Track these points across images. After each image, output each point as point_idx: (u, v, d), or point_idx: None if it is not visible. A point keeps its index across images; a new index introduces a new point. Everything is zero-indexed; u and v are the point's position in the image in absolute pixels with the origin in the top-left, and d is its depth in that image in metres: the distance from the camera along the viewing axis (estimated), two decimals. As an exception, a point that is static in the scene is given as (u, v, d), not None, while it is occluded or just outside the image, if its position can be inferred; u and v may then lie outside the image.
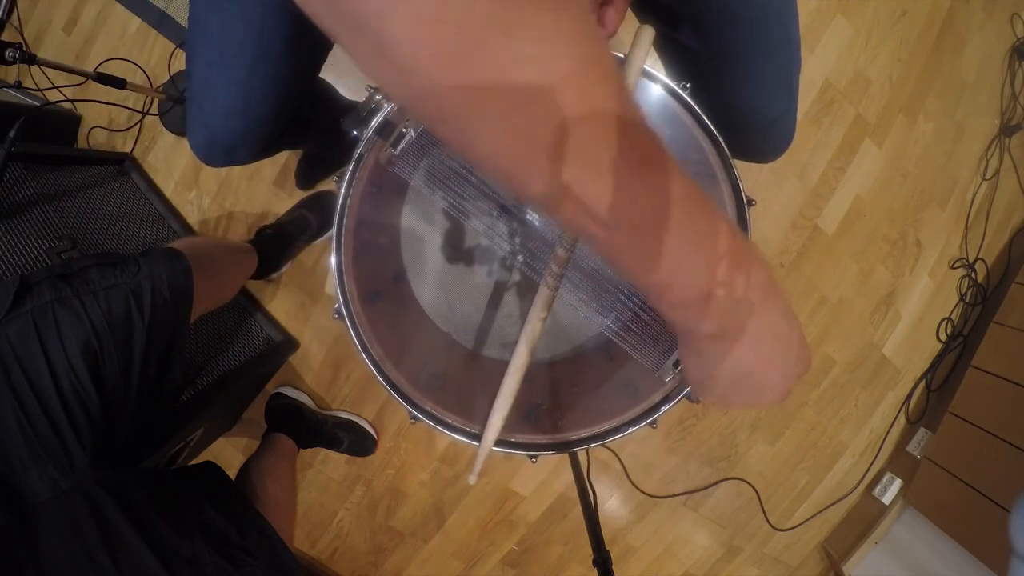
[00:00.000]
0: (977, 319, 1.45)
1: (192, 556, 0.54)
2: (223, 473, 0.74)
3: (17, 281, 0.53)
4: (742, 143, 0.53)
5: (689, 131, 0.45)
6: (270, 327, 1.16)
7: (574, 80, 0.19)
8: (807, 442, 1.40)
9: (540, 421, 0.49)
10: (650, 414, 0.47)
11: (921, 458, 1.35)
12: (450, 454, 1.27)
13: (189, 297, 0.65)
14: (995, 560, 1.09)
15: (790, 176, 1.26)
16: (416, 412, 0.46)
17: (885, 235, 1.36)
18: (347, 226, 0.44)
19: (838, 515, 1.47)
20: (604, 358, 0.51)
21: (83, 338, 0.53)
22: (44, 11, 1.20)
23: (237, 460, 1.25)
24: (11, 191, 0.86)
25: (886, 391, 1.44)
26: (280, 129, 0.61)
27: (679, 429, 1.34)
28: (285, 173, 1.15)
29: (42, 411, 0.52)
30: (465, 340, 0.51)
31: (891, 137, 1.31)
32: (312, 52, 0.59)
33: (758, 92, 0.54)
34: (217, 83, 0.53)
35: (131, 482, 0.57)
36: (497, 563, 1.36)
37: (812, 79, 1.22)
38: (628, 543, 1.38)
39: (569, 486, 1.31)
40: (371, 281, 0.47)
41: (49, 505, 0.51)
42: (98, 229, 0.96)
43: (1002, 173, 1.43)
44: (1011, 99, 1.40)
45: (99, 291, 0.56)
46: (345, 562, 1.35)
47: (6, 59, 0.81)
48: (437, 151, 0.44)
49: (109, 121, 1.18)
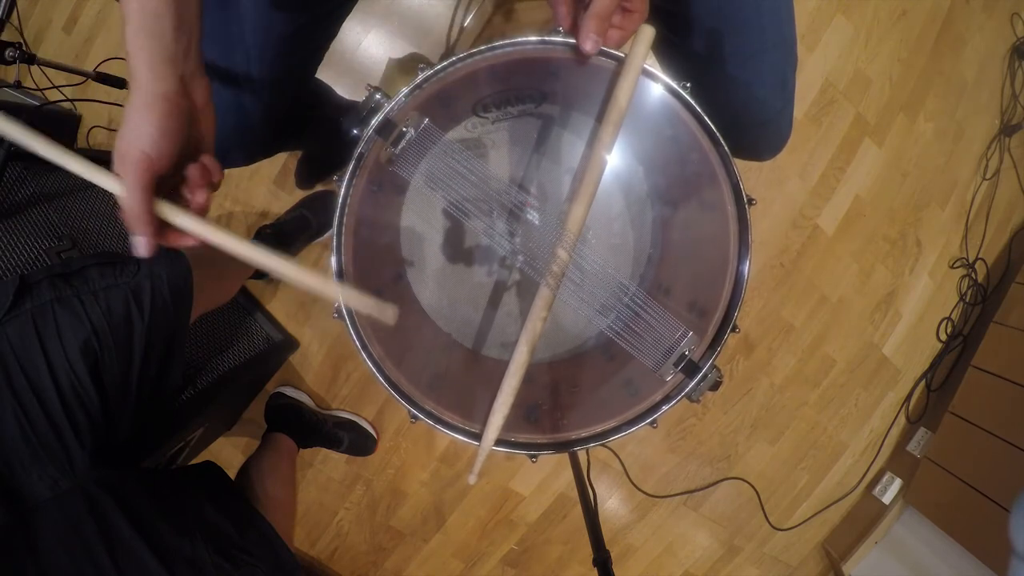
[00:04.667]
0: (977, 319, 1.45)
1: (192, 556, 0.54)
2: (223, 473, 0.74)
3: (17, 281, 0.53)
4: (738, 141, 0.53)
5: (690, 130, 0.45)
6: (270, 327, 1.16)
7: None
8: (807, 442, 1.40)
9: (540, 421, 0.49)
10: (650, 414, 0.47)
11: (921, 458, 1.35)
12: (450, 454, 1.27)
13: (189, 297, 0.65)
14: (995, 560, 1.09)
15: (790, 176, 1.26)
16: (416, 411, 0.46)
17: (885, 235, 1.36)
18: (347, 225, 0.44)
19: (838, 515, 1.47)
20: (604, 358, 0.51)
21: (83, 338, 0.53)
22: (44, 11, 1.20)
23: (237, 460, 1.25)
24: (11, 191, 0.86)
25: (886, 391, 1.44)
26: (274, 131, 0.61)
27: (679, 429, 1.34)
28: (285, 173, 1.15)
29: (42, 411, 0.52)
30: (465, 340, 0.51)
31: (891, 137, 1.31)
32: (305, 54, 0.59)
33: (753, 91, 0.54)
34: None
35: (131, 482, 0.57)
36: (497, 563, 1.36)
37: (812, 78, 1.22)
38: (628, 543, 1.38)
39: (569, 486, 1.31)
40: (371, 281, 0.47)
41: (49, 505, 0.51)
42: (98, 229, 0.96)
43: (1002, 173, 1.43)
44: (1011, 99, 1.40)
45: (99, 291, 0.56)
46: (345, 562, 1.35)
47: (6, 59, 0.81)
48: (437, 151, 0.44)
49: (109, 121, 1.18)
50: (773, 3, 0.51)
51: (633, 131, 0.46)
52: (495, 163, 0.49)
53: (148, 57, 0.33)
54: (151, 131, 0.34)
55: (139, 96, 0.34)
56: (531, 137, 0.49)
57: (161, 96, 0.34)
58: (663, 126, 0.46)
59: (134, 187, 0.34)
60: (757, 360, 1.33)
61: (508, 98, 0.46)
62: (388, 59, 1.10)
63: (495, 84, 0.45)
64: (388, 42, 1.12)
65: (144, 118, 0.34)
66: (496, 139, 0.49)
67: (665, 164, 0.48)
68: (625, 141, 0.47)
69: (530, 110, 0.47)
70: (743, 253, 0.46)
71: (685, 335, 0.46)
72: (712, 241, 0.47)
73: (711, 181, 0.46)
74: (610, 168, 0.46)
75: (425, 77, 0.42)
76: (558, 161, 0.49)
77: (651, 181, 0.49)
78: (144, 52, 0.33)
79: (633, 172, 0.49)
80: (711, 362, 0.46)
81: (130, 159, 0.34)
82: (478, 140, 0.48)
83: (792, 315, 1.32)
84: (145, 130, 0.34)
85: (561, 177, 0.49)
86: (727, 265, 0.46)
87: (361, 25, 1.11)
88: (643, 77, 0.43)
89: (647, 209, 0.50)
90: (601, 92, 0.44)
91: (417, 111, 0.43)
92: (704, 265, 0.48)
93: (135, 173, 0.34)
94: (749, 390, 1.34)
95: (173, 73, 0.35)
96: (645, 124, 0.46)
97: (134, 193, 0.34)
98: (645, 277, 0.50)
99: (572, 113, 0.48)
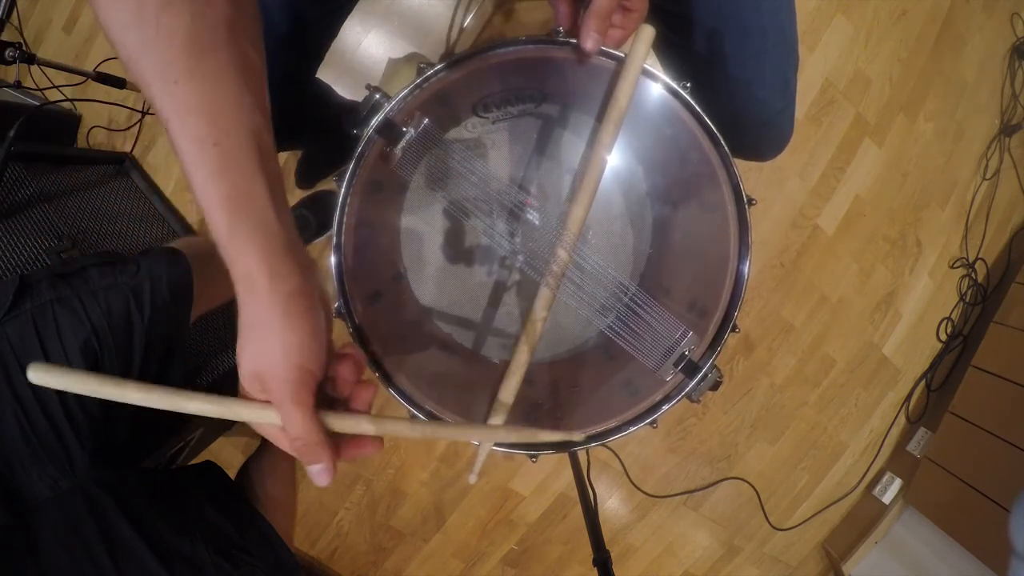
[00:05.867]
0: (977, 319, 1.45)
1: (192, 556, 0.54)
2: (223, 473, 0.74)
3: (16, 280, 0.53)
4: (740, 141, 0.53)
5: (690, 130, 0.45)
6: (270, 327, 1.15)
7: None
8: (807, 442, 1.40)
9: (540, 421, 0.49)
10: (650, 414, 0.47)
11: (921, 458, 1.35)
12: (450, 453, 1.27)
13: (189, 297, 0.65)
14: (995, 560, 1.09)
15: (790, 176, 1.26)
16: (416, 411, 0.46)
17: (885, 235, 1.36)
18: (347, 225, 0.44)
19: (838, 515, 1.47)
20: (604, 358, 0.51)
21: (83, 338, 0.53)
22: (44, 11, 1.20)
23: (237, 460, 1.25)
24: (11, 191, 0.86)
25: (886, 391, 1.44)
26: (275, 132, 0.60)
27: (679, 429, 1.34)
28: (285, 173, 1.15)
29: (42, 411, 0.52)
30: (465, 340, 0.51)
31: (891, 137, 1.31)
32: (303, 54, 0.59)
33: (754, 91, 0.54)
34: None
35: (131, 482, 0.57)
36: (497, 563, 1.36)
37: (812, 78, 1.22)
38: (628, 543, 1.38)
39: (569, 486, 1.31)
40: (371, 281, 0.47)
41: (49, 505, 0.51)
42: (98, 229, 0.96)
43: (1002, 173, 1.43)
44: (1011, 99, 1.40)
45: (99, 291, 0.56)
46: (345, 562, 1.35)
47: (6, 59, 0.81)
48: (438, 150, 0.44)
49: (109, 121, 1.18)
50: (774, 3, 0.51)
51: (633, 131, 0.46)
52: (495, 163, 0.49)
53: (262, 256, 0.26)
54: (299, 339, 0.28)
55: (263, 305, 0.27)
56: (531, 137, 0.49)
57: (292, 294, 0.27)
58: (663, 126, 0.46)
59: (304, 413, 0.28)
60: (757, 360, 1.33)
61: (508, 98, 0.46)
62: (388, 59, 1.10)
63: (495, 84, 0.45)
64: (388, 42, 1.12)
65: (285, 326, 0.27)
66: (496, 139, 0.49)
67: (665, 164, 0.48)
68: (625, 141, 0.47)
69: (530, 110, 0.47)
70: (743, 253, 0.46)
71: (685, 335, 0.46)
72: (712, 241, 0.47)
73: (711, 181, 0.46)
74: (610, 168, 0.46)
75: (425, 77, 0.42)
76: (558, 161, 0.49)
77: (651, 181, 0.49)
78: (255, 250, 0.26)
79: (633, 172, 0.49)
80: (711, 362, 0.46)
81: (289, 381, 0.27)
82: (478, 140, 0.48)
83: (792, 315, 1.32)
84: (292, 340, 0.27)
85: (561, 177, 0.49)
86: (727, 265, 0.46)
87: (361, 25, 1.11)
88: (643, 77, 0.43)
89: (647, 209, 0.50)
90: (601, 92, 0.44)
91: (417, 111, 0.43)
92: (704, 265, 0.48)
93: (300, 395, 0.28)
94: (749, 390, 1.34)
95: (293, 260, 0.28)
96: (645, 124, 0.46)
97: (307, 420, 0.28)
98: (645, 277, 0.50)
99: (572, 113, 0.48)
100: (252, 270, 0.26)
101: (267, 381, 0.28)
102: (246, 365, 0.28)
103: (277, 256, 0.27)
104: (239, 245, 0.26)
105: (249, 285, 0.27)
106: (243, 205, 0.26)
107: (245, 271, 0.27)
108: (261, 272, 0.26)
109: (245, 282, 0.27)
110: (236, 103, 0.26)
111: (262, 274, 0.26)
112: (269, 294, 0.27)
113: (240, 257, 0.26)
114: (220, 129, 0.25)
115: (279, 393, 0.28)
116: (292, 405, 0.28)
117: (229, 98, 0.26)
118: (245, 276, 0.27)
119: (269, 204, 0.27)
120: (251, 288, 0.27)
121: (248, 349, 0.28)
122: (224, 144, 0.25)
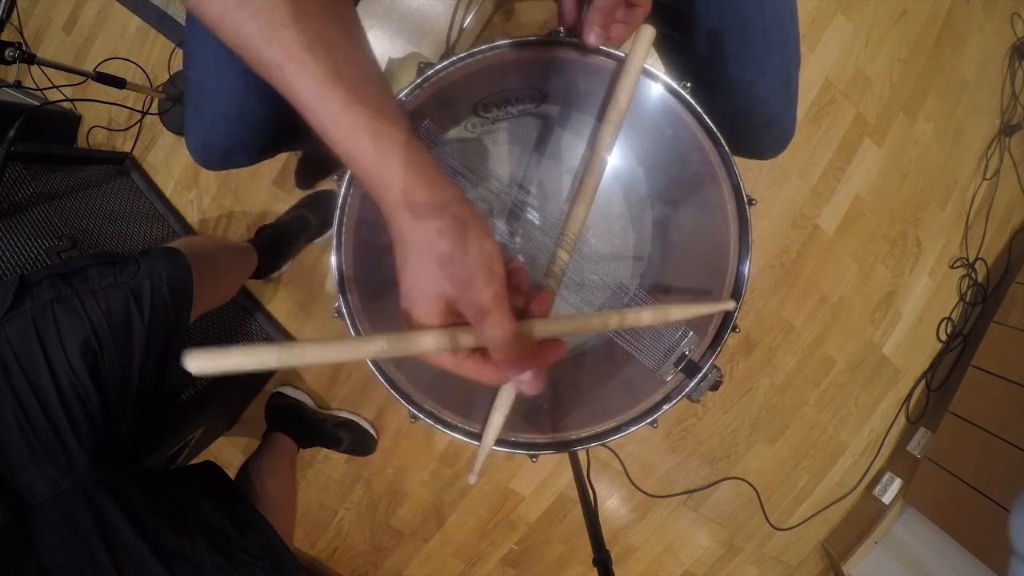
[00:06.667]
0: (977, 319, 1.45)
1: (192, 556, 0.54)
2: (223, 473, 0.74)
3: (16, 280, 0.53)
4: (741, 141, 0.53)
5: (690, 130, 0.45)
6: (270, 327, 1.16)
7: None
8: (807, 442, 1.40)
9: (540, 421, 0.49)
10: (650, 414, 0.47)
11: (921, 458, 1.35)
12: (450, 453, 1.27)
13: (189, 297, 0.65)
14: (995, 560, 1.09)
15: (790, 175, 1.26)
16: (416, 411, 0.46)
17: (885, 235, 1.36)
18: (347, 225, 0.44)
19: (838, 515, 1.47)
20: (604, 358, 0.51)
21: (83, 337, 0.53)
22: (44, 10, 1.20)
23: (237, 460, 1.25)
24: (11, 191, 0.86)
25: (886, 391, 1.44)
26: (278, 133, 0.60)
27: (679, 429, 1.34)
28: (285, 173, 1.15)
29: (41, 411, 0.52)
30: (465, 340, 0.51)
31: (891, 137, 1.31)
32: None
33: (756, 91, 0.54)
34: (214, 88, 0.53)
35: (131, 481, 0.57)
36: (497, 563, 1.36)
37: (812, 78, 1.22)
38: (628, 543, 1.38)
39: (569, 485, 1.31)
40: (371, 280, 0.47)
41: (49, 504, 0.51)
42: (98, 229, 0.96)
43: (1002, 173, 1.43)
44: (1011, 99, 1.40)
45: (99, 290, 0.56)
46: (345, 562, 1.35)
47: (6, 59, 0.81)
48: (438, 150, 0.44)
49: (109, 121, 1.18)
50: (776, 3, 0.51)
51: (633, 131, 0.46)
52: (495, 163, 0.49)
53: (419, 171, 0.26)
54: (492, 246, 0.27)
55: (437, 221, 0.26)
56: (531, 137, 0.49)
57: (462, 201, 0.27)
58: (663, 126, 0.46)
59: (513, 319, 0.27)
60: (757, 360, 1.33)
61: (508, 98, 0.46)
62: (388, 59, 1.10)
63: (495, 84, 0.45)
64: (388, 42, 1.12)
65: (475, 235, 0.27)
66: (496, 139, 0.49)
67: (665, 164, 0.48)
68: (625, 141, 0.47)
69: (530, 110, 0.47)
70: (743, 253, 0.46)
71: (685, 335, 0.46)
72: (712, 241, 0.47)
73: (711, 181, 0.46)
74: (610, 168, 0.46)
75: (425, 77, 0.42)
76: (558, 161, 0.49)
77: (651, 181, 0.49)
78: (412, 167, 0.26)
79: (633, 172, 0.49)
80: (711, 362, 0.46)
81: (493, 290, 0.26)
82: (478, 140, 0.48)
83: (792, 315, 1.32)
84: (488, 248, 0.27)
85: (561, 177, 0.49)
86: (727, 265, 0.46)
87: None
88: (643, 77, 0.43)
89: (647, 209, 0.50)
90: (601, 92, 0.44)
91: (417, 111, 0.43)
92: (704, 265, 0.48)
93: (504, 303, 0.27)
94: (749, 390, 1.34)
95: (439, 168, 0.27)
96: (645, 124, 0.46)
97: (515, 327, 0.27)
98: (645, 277, 0.50)
99: (572, 113, 0.48)
100: (412, 186, 0.26)
101: (463, 297, 0.27)
102: (429, 290, 0.27)
103: (432, 168, 0.27)
104: (390, 166, 0.26)
105: (412, 206, 0.26)
106: (384, 126, 0.26)
107: (403, 189, 0.26)
108: (420, 185, 0.26)
109: (407, 204, 0.26)
110: (344, 32, 0.26)
111: (422, 187, 0.26)
112: (439, 208, 0.26)
113: (394, 178, 0.26)
114: (339, 61, 0.25)
115: (485, 305, 0.26)
116: (501, 314, 0.26)
117: (335, 30, 0.26)
118: (405, 196, 0.26)
119: (404, 118, 0.27)
120: (413, 208, 0.26)
121: (424, 273, 0.27)
122: (348, 77, 0.25)
